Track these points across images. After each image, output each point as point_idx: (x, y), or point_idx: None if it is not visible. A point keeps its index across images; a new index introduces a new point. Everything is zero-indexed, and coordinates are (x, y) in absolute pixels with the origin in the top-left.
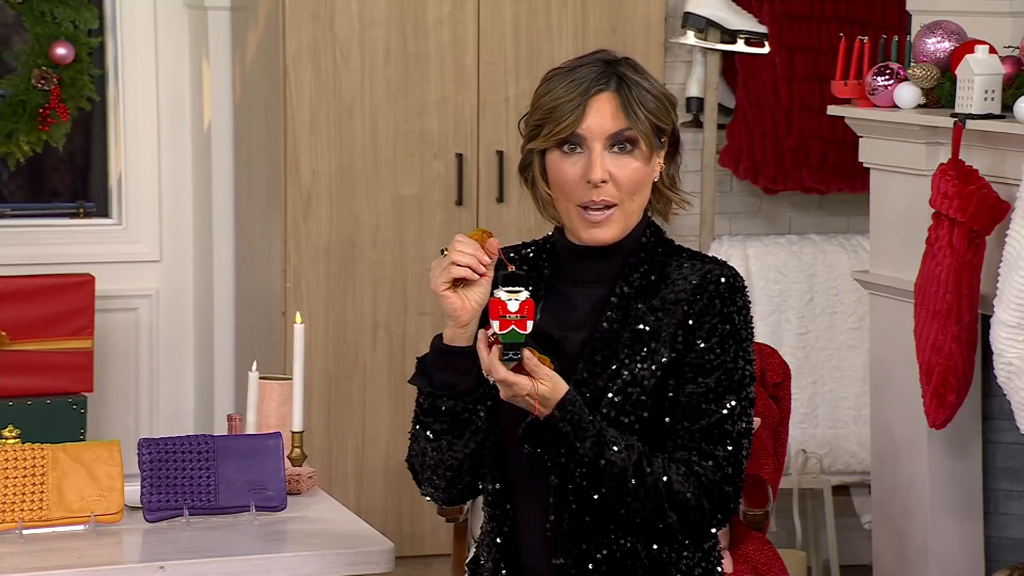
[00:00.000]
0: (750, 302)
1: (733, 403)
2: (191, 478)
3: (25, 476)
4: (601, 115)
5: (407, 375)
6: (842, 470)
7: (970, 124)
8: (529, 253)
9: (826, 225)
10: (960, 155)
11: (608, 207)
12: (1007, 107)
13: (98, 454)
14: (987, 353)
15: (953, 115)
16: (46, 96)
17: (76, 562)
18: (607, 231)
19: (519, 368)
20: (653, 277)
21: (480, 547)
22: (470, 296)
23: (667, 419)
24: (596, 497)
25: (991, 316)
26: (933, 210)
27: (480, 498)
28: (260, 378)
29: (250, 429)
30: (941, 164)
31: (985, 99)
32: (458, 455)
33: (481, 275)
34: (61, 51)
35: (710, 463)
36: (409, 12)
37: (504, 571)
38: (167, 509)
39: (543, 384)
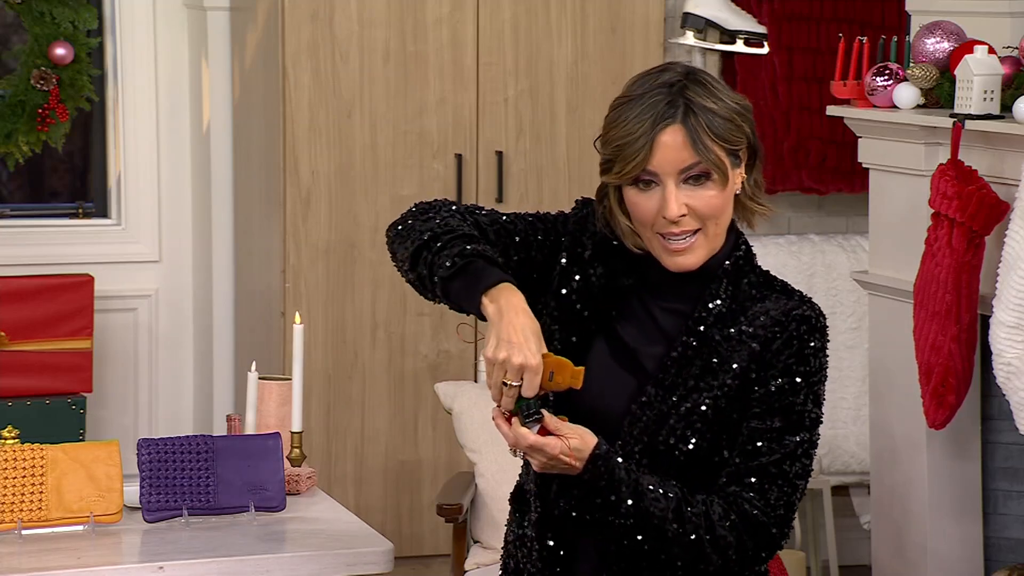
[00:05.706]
0: (828, 342)
1: (794, 444)
2: (190, 478)
3: (24, 476)
4: (669, 151)
5: (406, 375)
6: (841, 470)
7: (969, 124)
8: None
9: (825, 225)
10: (959, 155)
11: (692, 233)
12: (1006, 107)
13: (97, 454)
14: (986, 353)
15: (952, 115)
16: (45, 96)
17: (75, 562)
18: (691, 257)
19: (543, 431)
20: (734, 306)
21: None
22: None
23: (724, 452)
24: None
25: (990, 316)
26: (932, 210)
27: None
28: (259, 378)
29: (249, 429)
30: (940, 164)
31: (984, 99)
32: None
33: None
34: (60, 51)
35: (761, 502)
36: (408, 12)
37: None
38: (166, 509)
39: (572, 439)
